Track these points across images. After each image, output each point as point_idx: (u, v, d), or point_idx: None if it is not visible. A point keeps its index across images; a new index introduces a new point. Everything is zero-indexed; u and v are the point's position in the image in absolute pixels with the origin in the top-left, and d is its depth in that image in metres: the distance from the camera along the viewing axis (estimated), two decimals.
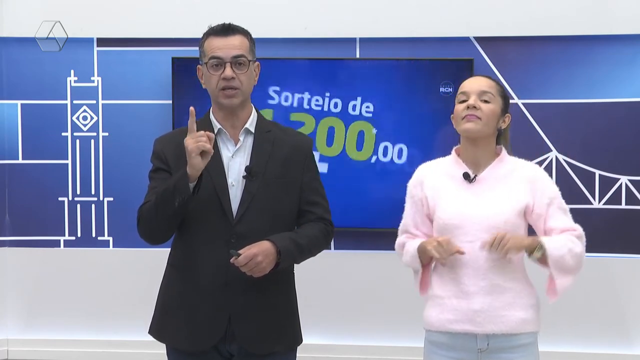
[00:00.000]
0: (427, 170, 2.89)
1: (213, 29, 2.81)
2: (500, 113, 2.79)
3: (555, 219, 2.76)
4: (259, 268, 2.66)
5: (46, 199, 4.69)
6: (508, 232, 2.68)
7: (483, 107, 2.75)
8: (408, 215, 2.90)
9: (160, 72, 4.56)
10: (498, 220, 2.72)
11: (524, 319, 2.73)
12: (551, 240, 2.72)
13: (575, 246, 2.73)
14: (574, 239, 2.73)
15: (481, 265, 2.72)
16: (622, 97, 4.42)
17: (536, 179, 2.79)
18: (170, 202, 2.66)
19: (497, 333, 2.72)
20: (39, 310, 4.72)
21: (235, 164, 2.79)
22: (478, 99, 2.76)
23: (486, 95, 2.77)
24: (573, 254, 2.71)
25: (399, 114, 4.47)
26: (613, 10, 4.40)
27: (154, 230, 2.79)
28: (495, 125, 2.79)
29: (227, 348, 2.78)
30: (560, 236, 2.74)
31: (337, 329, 4.59)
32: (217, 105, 2.82)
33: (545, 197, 2.76)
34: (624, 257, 4.46)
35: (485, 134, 2.77)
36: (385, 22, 4.51)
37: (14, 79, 4.65)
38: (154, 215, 2.73)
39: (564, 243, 2.71)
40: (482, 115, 2.75)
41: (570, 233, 2.75)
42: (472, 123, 2.75)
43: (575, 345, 4.48)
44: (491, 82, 2.83)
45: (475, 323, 2.73)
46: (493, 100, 2.77)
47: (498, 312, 2.72)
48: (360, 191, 4.47)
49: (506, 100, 2.84)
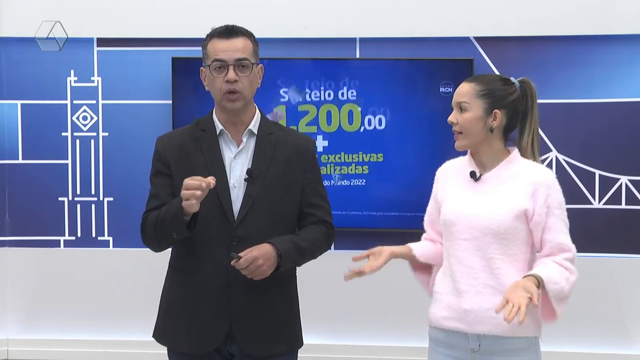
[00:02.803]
0: (445, 168, 2.90)
1: (216, 31, 2.78)
2: (482, 114, 2.72)
3: (553, 232, 2.68)
4: (259, 271, 2.66)
5: (46, 199, 4.69)
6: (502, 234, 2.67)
7: (460, 119, 2.73)
8: (428, 211, 2.93)
9: (160, 72, 4.56)
10: (491, 222, 2.68)
11: (517, 322, 2.70)
12: (549, 274, 2.63)
13: (571, 274, 2.66)
14: (569, 266, 2.67)
15: (474, 265, 2.70)
16: (622, 97, 4.43)
17: (541, 184, 2.70)
18: (168, 233, 2.70)
19: (487, 334, 2.70)
20: (39, 310, 4.72)
21: (238, 165, 2.78)
22: (457, 111, 2.74)
23: (461, 104, 2.74)
24: (570, 283, 2.66)
25: (399, 114, 4.47)
26: (613, 10, 4.40)
27: (155, 246, 2.82)
28: (482, 127, 2.73)
29: (228, 349, 2.78)
30: (557, 267, 2.66)
31: (337, 329, 4.59)
32: (220, 108, 2.81)
33: (545, 205, 2.68)
34: (624, 257, 4.46)
35: (474, 143, 2.75)
36: (385, 22, 4.51)
37: (14, 79, 4.65)
38: (154, 236, 2.76)
39: (560, 274, 2.65)
40: (460, 128, 2.73)
41: (564, 258, 2.67)
42: (457, 141, 2.76)
43: (575, 345, 4.48)
44: (469, 87, 2.75)
45: (465, 322, 2.72)
46: (469, 107, 2.72)
47: (488, 313, 2.68)
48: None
49: (491, 98, 2.73)
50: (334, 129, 4.54)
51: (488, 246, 2.69)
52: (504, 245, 2.70)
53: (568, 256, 2.68)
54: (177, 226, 2.66)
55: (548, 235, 2.69)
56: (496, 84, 2.76)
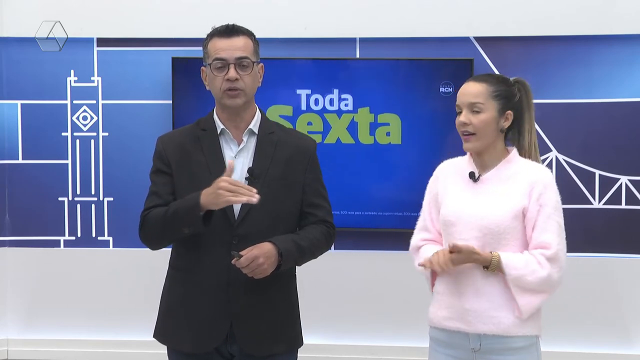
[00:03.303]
0: (444, 167, 2.90)
1: (217, 30, 2.79)
2: (496, 116, 2.73)
3: (539, 230, 2.68)
4: (260, 270, 2.66)
5: (46, 199, 4.68)
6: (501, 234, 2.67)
7: (474, 120, 2.71)
8: (425, 211, 2.90)
9: (160, 72, 4.55)
10: (490, 222, 2.69)
11: (518, 321, 2.69)
12: (511, 259, 2.65)
13: (541, 269, 2.64)
14: (542, 260, 2.65)
15: (474, 264, 2.71)
16: (622, 97, 4.42)
17: (537, 183, 2.71)
18: (178, 228, 2.69)
19: (488, 334, 2.71)
20: (39, 310, 4.72)
21: (238, 164, 2.78)
22: (469, 112, 2.73)
23: (475, 105, 2.72)
24: (536, 277, 2.64)
25: (399, 114, 4.47)
26: (613, 10, 4.40)
27: (156, 242, 2.82)
28: (495, 129, 2.74)
29: (228, 349, 2.78)
30: (526, 256, 2.66)
31: (337, 329, 4.59)
32: (221, 106, 2.81)
33: (537, 202, 2.69)
34: (624, 257, 4.46)
35: (486, 144, 2.75)
36: (385, 22, 4.51)
37: (14, 79, 4.65)
38: (159, 231, 2.75)
39: (526, 263, 2.64)
40: (474, 129, 2.72)
41: (541, 252, 2.66)
42: (469, 143, 2.74)
43: (575, 345, 4.48)
44: (481, 87, 2.74)
45: (466, 322, 2.72)
46: (484, 108, 2.72)
47: (489, 313, 2.69)
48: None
49: (504, 99, 2.75)
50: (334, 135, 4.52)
51: (487, 246, 2.70)
52: (504, 245, 2.70)
53: (545, 252, 2.67)
54: (192, 221, 2.64)
55: (535, 232, 2.70)
56: (505, 85, 2.78)
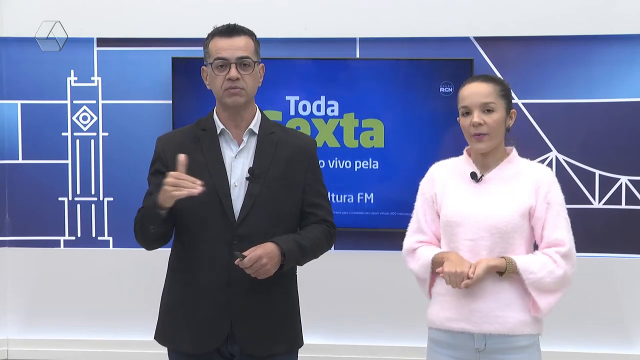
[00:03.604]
0: (439, 168, 2.90)
1: (218, 30, 2.79)
2: (504, 115, 2.77)
3: (551, 228, 2.70)
4: (263, 270, 2.66)
5: (46, 199, 4.68)
6: (509, 233, 2.68)
7: (488, 120, 2.72)
8: (419, 212, 2.90)
9: (160, 72, 4.55)
10: (499, 221, 2.71)
11: (523, 320, 2.71)
12: (528, 263, 2.67)
13: (557, 268, 2.67)
14: (557, 259, 2.68)
15: None
16: (622, 97, 4.42)
17: (542, 181, 2.74)
18: (146, 227, 2.72)
19: (494, 333, 2.71)
20: (39, 310, 4.72)
21: (238, 164, 2.78)
22: (481, 112, 2.73)
23: (488, 105, 2.73)
24: (554, 277, 2.67)
25: (399, 114, 4.47)
26: (613, 10, 4.40)
27: (142, 242, 2.84)
28: (503, 128, 2.77)
29: (229, 349, 2.78)
30: (540, 257, 2.69)
31: (337, 329, 4.59)
32: (222, 106, 2.81)
33: (545, 201, 2.72)
34: (624, 257, 4.46)
35: (496, 144, 2.77)
36: (385, 22, 4.51)
37: (14, 79, 4.65)
38: (138, 231, 2.80)
39: (542, 265, 2.67)
40: (489, 129, 2.72)
41: (556, 251, 2.69)
42: (482, 143, 2.74)
43: (575, 345, 4.48)
44: (490, 87, 2.76)
45: (471, 322, 2.72)
46: (496, 108, 2.73)
47: (495, 312, 2.70)
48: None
49: (509, 98, 2.79)
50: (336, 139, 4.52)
51: (494, 246, 2.71)
52: (510, 245, 2.71)
53: (560, 250, 2.69)
54: (153, 219, 2.68)
55: (546, 230, 2.72)
56: (504, 83, 2.82)
